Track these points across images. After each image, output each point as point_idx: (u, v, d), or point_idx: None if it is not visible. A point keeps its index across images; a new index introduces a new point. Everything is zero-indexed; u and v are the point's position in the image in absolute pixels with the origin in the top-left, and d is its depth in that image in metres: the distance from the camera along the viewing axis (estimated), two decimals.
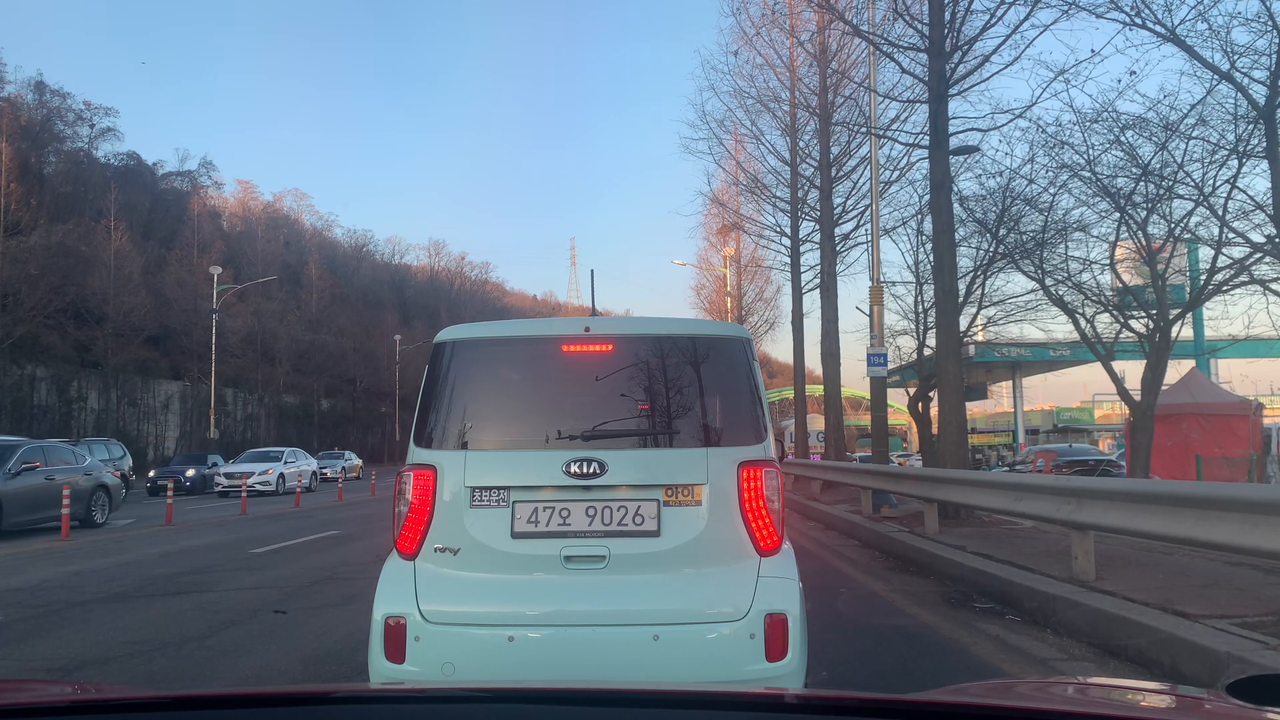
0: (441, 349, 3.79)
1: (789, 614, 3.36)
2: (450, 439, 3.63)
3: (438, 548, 3.50)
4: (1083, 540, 6.91)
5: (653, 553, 3.44)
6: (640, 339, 3.74)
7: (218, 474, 27.96)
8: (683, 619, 3.33)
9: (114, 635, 6.62)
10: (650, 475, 3.52)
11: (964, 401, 13.12)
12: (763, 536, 3.50)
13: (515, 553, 3.45)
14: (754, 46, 22.66)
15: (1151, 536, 6.22)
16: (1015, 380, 43.60)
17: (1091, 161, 13.11)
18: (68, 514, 14.06)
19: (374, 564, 11.34)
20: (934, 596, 7.83)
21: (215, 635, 6.57)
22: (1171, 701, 1.87)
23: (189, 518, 18.23)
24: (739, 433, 3.63)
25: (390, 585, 3.48)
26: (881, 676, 5.27)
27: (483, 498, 3.51)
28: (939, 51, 12.08)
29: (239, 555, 11.51)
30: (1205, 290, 12.50)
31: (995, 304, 18.66)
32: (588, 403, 3.65)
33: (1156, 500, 5.98)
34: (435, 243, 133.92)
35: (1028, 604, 6.78)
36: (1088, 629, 5.90)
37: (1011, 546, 9.22)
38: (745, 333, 3.93)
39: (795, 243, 24.64)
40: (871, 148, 16.79)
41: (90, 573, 10.06)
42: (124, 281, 43.76)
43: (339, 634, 6.54)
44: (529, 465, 3.54)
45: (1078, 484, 7.05)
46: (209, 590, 8.66)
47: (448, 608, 3.38)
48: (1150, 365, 13.58)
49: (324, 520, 17.16)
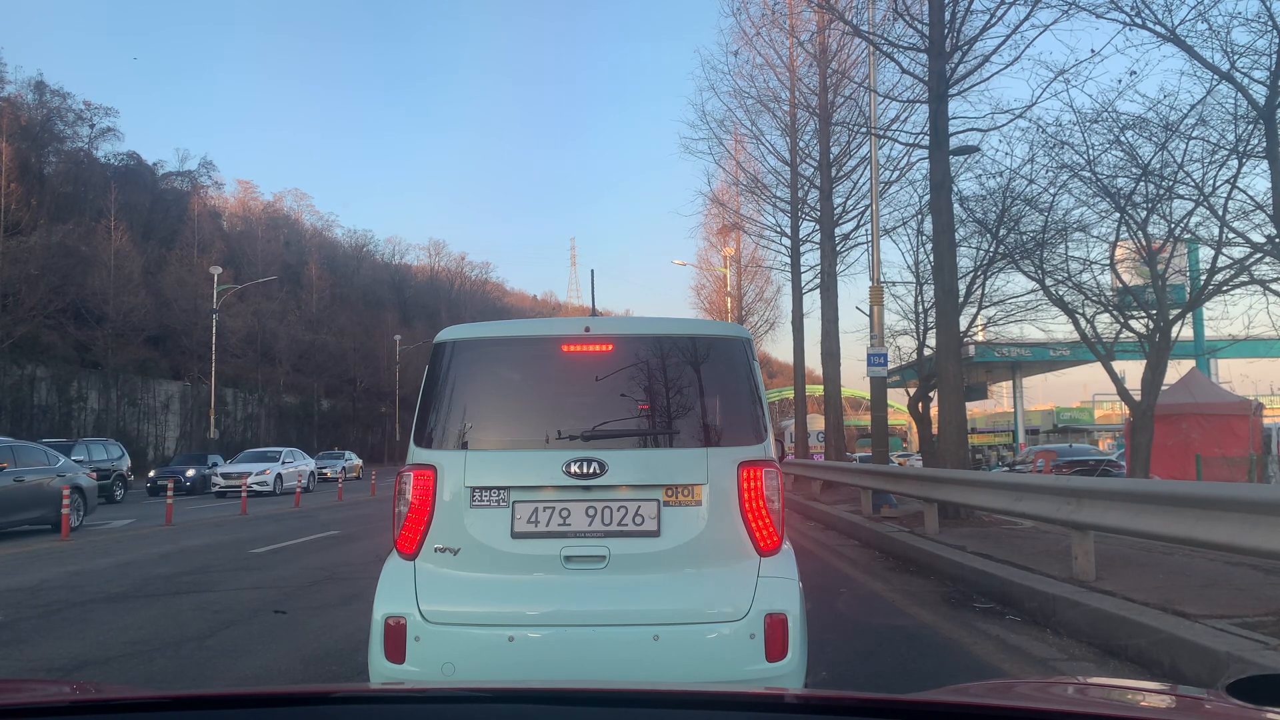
0: (441, 349, 3.78)
1: (789, 614, 3.36)
2: (450, 439, 3.62)
3: (438, 548, 3.49)
4: (1083, 540, 6.91)
5: (653, 553, 3.43)
6: (640, 339, 3.74)
7: (214, 474, 27.70)
8: (683, 619, 3.33)
9: (114, 635, 6.63)
10: (650, 475, 3.52)
11: (964, 401, 13.13)
12: (763, 536, 3.50)
13: (515, 553, 3.44)
14: (754, 46, 22.69)
15: (1151, 536, 6.22)
16: (1015, 380, 43.61)
17: (1091, 161, 13.12)
18: (68, 514, 14.07)
19: (374, 564, 11.30)
20: (934, 596, 7.84)
21: (215, 635, 6.57)
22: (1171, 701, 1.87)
23: (189, 518, 18.23)
24: (739, 433, 3.63)
25: (390, 585, 3.48)
26: (881, 676, 5.27)
27: (483, 498, 3.50)
28: (939, 51, 12.08)
29: (239, 555, 11.51)
30: (1205, 290, 12.50)
31: (995, 304, 18.67)
32: (588, 403, 3.65)
33: (1156, 500, 5.99)
34: (435, 243, 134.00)
35: (1028, 604, 6.79)
36: (1088, 629, 5.90)
37: (1011, 546, 9.22)
38: (745, 333, 3.93)
39: (795, 243, 24.64)
40: (871, 148, 16.79)
41: (90, 573, 10.06)
42: (124, 281, 43.78)
43: (339, 634, 6.54)
44: (529, 465, 3.54)
45: (1077, 484, 7.05)
46: (209, 590, 8.66)
47: (448, 608, 3.37)
48: (1150, 365, 13.58)
49: (324, 520, 17.16)
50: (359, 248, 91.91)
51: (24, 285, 36.61)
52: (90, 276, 42.16)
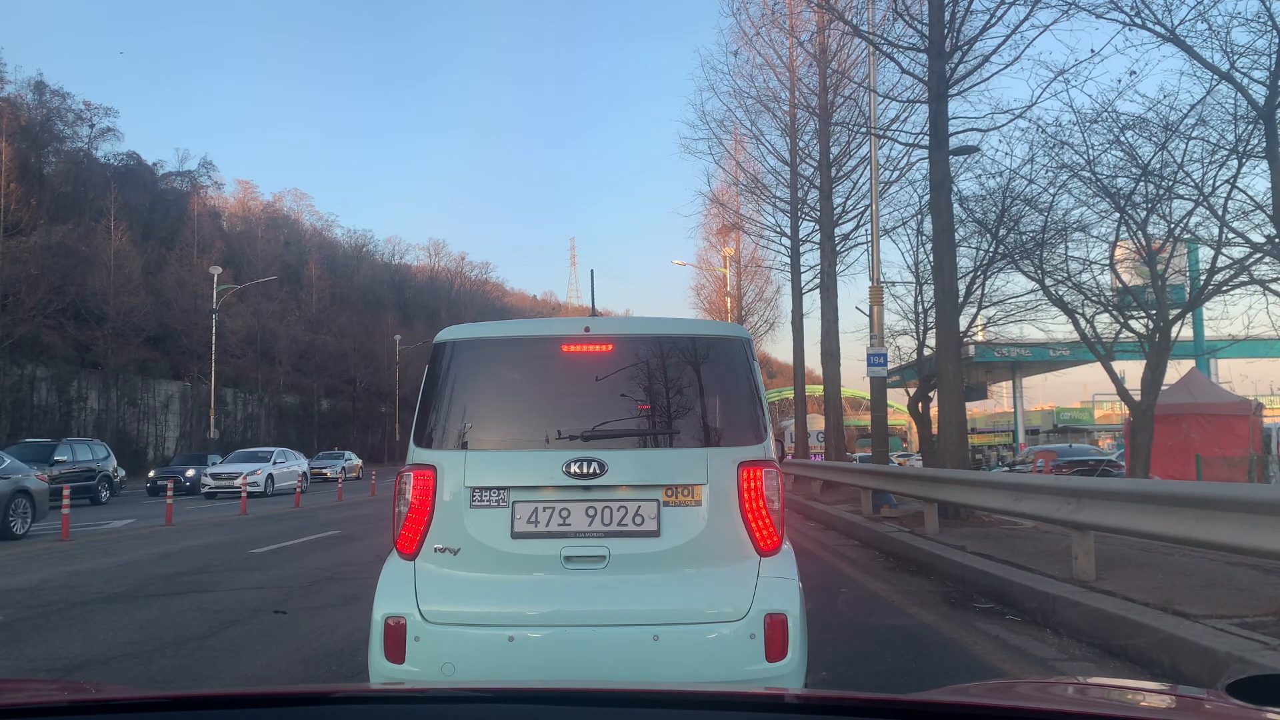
0: (441, 349, 3.78)
1: (789, 614, 3.36)
2: (450, 439, 3.62)
3: (437, 548, 3.49)
4: (1083, 540, 6.91)
5: (652, 553, 3.43)
6: (640, 339, 3.73)
7: (204, 475, 27.13)
8: (683, 619, 3.33)
9: (114, 635, 6.63)
10: (650, 475, 3.52)
11: (964, 401, 13.13)
12: (763, 536, 3.50)
13: (515, 553, 3.44)
14: (754, 46, 22.71)
15: (1152, 536, 6.22)
16: (1015, 380, 43.62)
17: (1091, 162, 13.13)
18: (68, 515, 14.07)
19: (374, 564, 11.28)
20: (934, 596, 7.84)
21: (215, 635, 6.57)
22: (1171, 701, 1.87)
23: (189, 518, 18.24)
24: (739, 433, 3.62)
25: (390, 585, 3.48)
26: (882, 676, 5.26)
27: (483, 498, 3.50)
28: (939, 51, 12.08)
29: (239, 555, 11.52)
30: (1205, 290, 12.51)
31: (995, 304, 18.67)
32: (588, 403, 3.64)
33: (1156, 500, 5.99)
34: (435, 243, 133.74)
35: (1028, 604, 6.79)
36: (1088, 629, 5.90)
37: (1011, 546, 9.22)
38: (745, 333, 3.93)
39: (795, 243, 24.65)
40: (871, 148, 16.79)
41: (90, 573, 10.06)
42: (124, 281, 43.73)
43: (339, 634, 6.54)
44: (529, 465, 3.53)
45: (1078, 484, 7.05)
46: (209, 590, 8.66)
47: (448, 608, 3.37)
48: (1150, 365, 13.59)
49: (324, 520, 17.16)
50: (359, 248, 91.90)
51: (24, 285, 36.56)
52: (90, 276, 42.12)
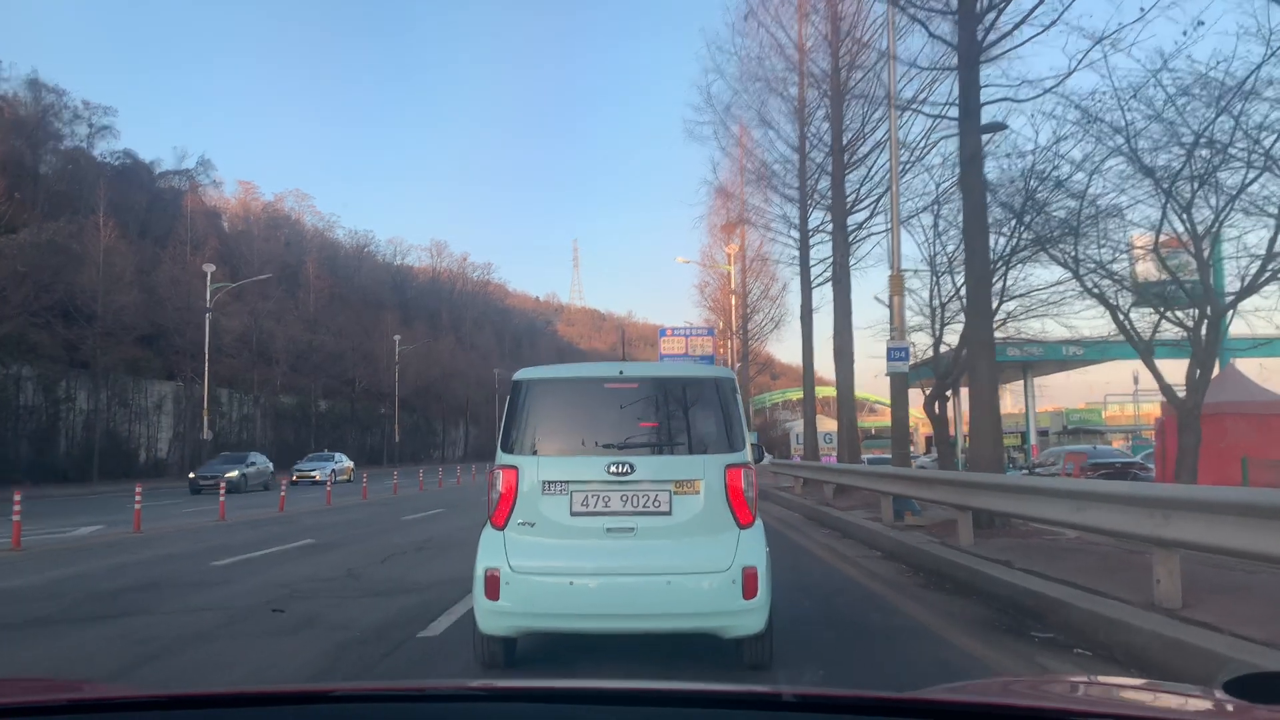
0: (519, 385, 5.25)
1: (758, 566, 4.86)
2: (526, 447, 5.09)
3: (520, 522, 4.96)
4: (1168, 559, 5.77)
5: (666, 526, 4.93)
6: (656, 379, 5.35)
7: None
8: (687, 570, 4.84)
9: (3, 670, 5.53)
10: (664, 473, 5.00)
11: (998, 401, 11.94)
12: (742, 515, 4.98)
13: (573, 525, 4.93)
14: (759, 20, 21.55)
15: (1265, 559, 5.09)
16: (1026, 380, 42.20)
17: (1132, 137, 11.93)
18: (18, 521, 12.98)
19: (344, 579, 10.02)
20: (981, 623, 6.71)
21: (126, 675, 5.45)
22: (1169, 699, 1.89)
23: (168, 523, 17.16)
24: (724, 444, 5.08)
25: (488, 548, 4.95)
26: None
27: (550, 488, 4.97)
28: (970, 12, 10.95)
29: (196, 569, 10.39)
30: (1262, 274, 11.34)
31: (1015, 298, 17.43)
32: (620, 423, 5.11)
33: (1272, 514, 4.85)
34: (437, 243, 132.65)
35: (1101, 636, 5.67)
36: (1187, 673, 4.77)
37: (1064, 562, 8.10)
38: (729, 373, 5.41)
39: (804, 234, 23.55)
40: (891, 122, 15.55)
41: (19, 590, 8.99)
42: (114, 279, 42.52)
43: (284, 669, 5.48)
44: (581, 466, 4.99)
45: (1164, 492, 5.90)
46: (145, 613, 7.53)
47: (527, 563, 4.86)
48: (1197, 361, 12.44)
49: (305, 527, 16.08)
50: (360, 248, 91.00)
51: (10, 282, 35.47)
52: (80, 274, 40.93)
